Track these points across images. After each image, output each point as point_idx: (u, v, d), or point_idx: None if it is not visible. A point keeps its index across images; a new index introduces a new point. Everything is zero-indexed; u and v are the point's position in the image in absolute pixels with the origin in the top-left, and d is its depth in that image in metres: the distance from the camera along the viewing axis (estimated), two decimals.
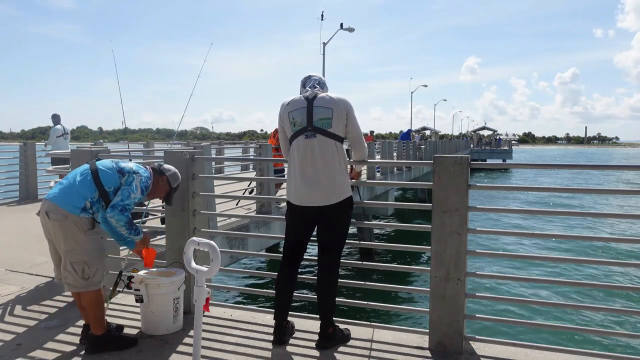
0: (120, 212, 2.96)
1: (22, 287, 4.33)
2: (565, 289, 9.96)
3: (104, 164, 3.10)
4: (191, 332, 3.30)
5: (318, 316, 3.16)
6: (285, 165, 3.32)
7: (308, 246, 3.25)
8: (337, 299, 3.17)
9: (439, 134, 57.59)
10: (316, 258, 3.17)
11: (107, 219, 3.01)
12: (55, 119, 10.83)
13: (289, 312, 3.25)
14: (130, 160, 3.40)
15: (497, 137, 62.23)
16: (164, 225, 3.93)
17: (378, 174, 14.74)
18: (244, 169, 15.59)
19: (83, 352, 3.04)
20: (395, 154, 18.49)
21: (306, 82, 3.13)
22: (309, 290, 3.38)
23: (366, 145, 3.23)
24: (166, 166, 3.35)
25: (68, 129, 10.92)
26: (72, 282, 2.99)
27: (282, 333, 3.16)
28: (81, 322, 3.33)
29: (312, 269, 3.23)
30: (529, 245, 13.97)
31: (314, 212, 3.02)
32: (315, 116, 2.97)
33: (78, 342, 3.17)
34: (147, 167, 3.27)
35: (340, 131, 3.00)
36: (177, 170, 3.35)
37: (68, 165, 5.72)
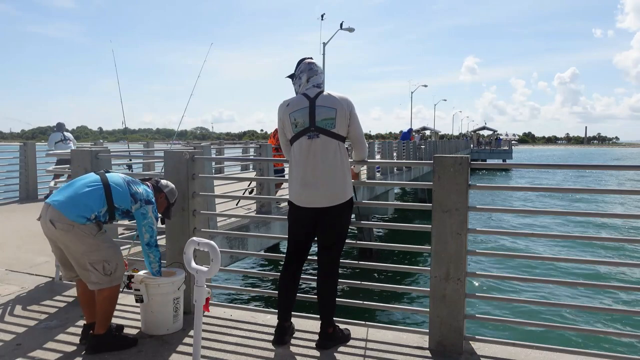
0: (156, 248, 3.19)
1: (22, 287, 4.33)
2: (565, 289, 9.96)
3: (115, 180, 3.10)
4: (191, 332, 3.30)
5: (318, 316, 3.16)
6: (286, 165, 3.31)
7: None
8: (337, 299, 3.17)
9: (439, 134, 57.58)
10: (316, 258, 3.18)
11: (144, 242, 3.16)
12: (58, 126, 10.86)
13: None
14: (131, 160, 3.40)
15: (497, 137, 62.23)
16: (164, 225, 3.94)
17: (378, 174, 14.74)
18: (244, 169, 15.59)
19: (83, 352, 3.04)
20: (395, 154, 18.48)
21: (310, 76, 3.06)
22: (309, 291, 3.39)
23: (367, 145, 3.22)
24: (163, 182, 3.41)
25: (70, 135, 10.89)
26: (97, 280, 3.00)
27: (283, 333, 3.16)
28: (81, 322, 3.33)
29: (312, 269, 3.23)
30: (528, 245, 13.97)
31: (316, 212, 3.01)
32: (318, 116, 2.95)
33: (78, 342, 3.17)
34: (149, 184, 3.32)
35: (343, 131, 2.99)
36: (174, 186, 3.44)
37: (68, 166, 5.72)
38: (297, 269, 3.18)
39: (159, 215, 3.37)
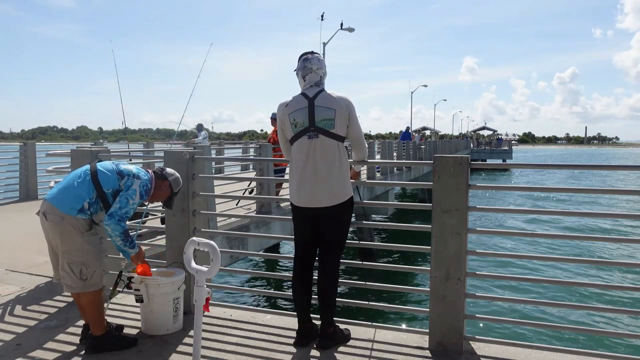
0: (117, 222, 2.93)
1: (22, 287, 4.33)
2: (566, 289, 9.96)
3: (104, 165, 3.08)
4: (191, 332, 3.30)
5: (318, 316, 3.16)
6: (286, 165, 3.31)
7: None
8: (337, 299, 3.17)
9: (439, 134, 57.54)
10: (317, 259, 3.17)
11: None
12: (198, 126, 12.94)
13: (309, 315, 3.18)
14: (130, 160, 3.40)
15: (498, 137, 62.19)
16: (164, 225, 3.94)
17: (378, 174, 14.74)
18: (244, 169, 15.59)
19: (83, 352, 3.04)
20: (395, 154, 18.48)
21: (305, 74, 3.04)
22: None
23: (366, 144, 3.22)
24: (169, 170, 3.32)
25: (206, 133, 13.25)
26: (70, 283, 2.99)
27: (303, 336, 3.13)
28: (81, 322, 3.33)
29: (313, 269, 3.27)
30: (529, 245, 13.96)
31: (316, 212, 3.01)
32: (317, 116, 2.95)
33: (78, 342, 3.17)
34: (149, 170, 3.25)
35: (343, 131, 2.99)
36: (179, 175, 3.33)
37: (68, 165, 5.72)
38: (306, 268, 3.16)
39: (161, 203, 3.35)
